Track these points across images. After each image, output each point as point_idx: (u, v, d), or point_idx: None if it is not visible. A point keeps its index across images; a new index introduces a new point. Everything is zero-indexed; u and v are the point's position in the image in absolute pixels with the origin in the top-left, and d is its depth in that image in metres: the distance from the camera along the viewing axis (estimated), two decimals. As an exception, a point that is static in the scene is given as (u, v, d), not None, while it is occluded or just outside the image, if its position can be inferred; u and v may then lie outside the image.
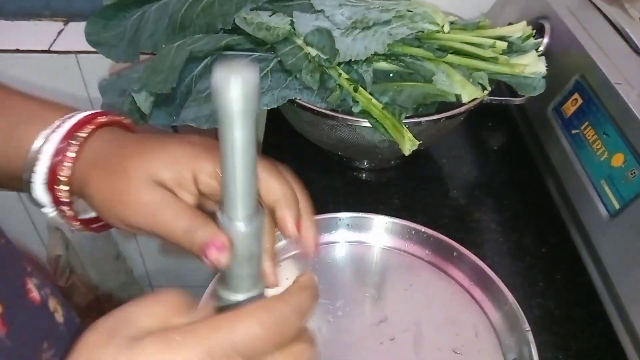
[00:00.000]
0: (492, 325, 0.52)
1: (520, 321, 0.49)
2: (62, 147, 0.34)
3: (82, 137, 0.34)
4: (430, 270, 0.56)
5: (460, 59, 0.60)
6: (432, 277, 0.56)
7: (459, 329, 0.51)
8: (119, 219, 0.33)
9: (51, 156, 0.34)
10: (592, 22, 0.66)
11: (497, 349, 0.50)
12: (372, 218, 0.58)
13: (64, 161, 0.34)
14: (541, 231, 0.64)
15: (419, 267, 0.57)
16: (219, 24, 0.62)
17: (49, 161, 0.34)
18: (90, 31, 0.67)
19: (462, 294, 0.54)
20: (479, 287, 0.54)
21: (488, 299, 0.53)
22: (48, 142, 0.34)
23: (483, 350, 0.50)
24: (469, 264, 0.55)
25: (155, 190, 0.32)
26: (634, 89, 0.54)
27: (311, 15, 0.62)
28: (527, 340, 0.47)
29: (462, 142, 0.77)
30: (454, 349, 0.50)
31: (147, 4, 0.67)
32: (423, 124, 0.59)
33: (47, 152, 0.34)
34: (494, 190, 0.69)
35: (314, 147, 0.69)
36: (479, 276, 0.54)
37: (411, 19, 0.60)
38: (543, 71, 0.61)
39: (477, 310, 0.53)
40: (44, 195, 0.35)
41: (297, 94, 0.58)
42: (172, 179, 0.33)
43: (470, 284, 0.55)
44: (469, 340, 0.50)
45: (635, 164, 0.51)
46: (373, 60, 0.60)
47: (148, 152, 0.33)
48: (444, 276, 0.56)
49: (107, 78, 0.65)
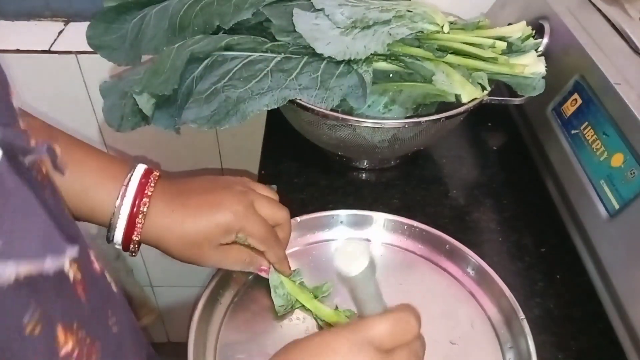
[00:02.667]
0: (487, 316, 0.52)
1: (515, 311, 0.49)
2: (132, 218, 0.44)
3: (144, 212, 0.45)
4: (424, 264, 0.57)
5: (459, 59, 0.61)
6: (426, 271, 0.56)
7: (455, 322, 0.52)
8: (189, 261, 0.47)
9: (125, 223, 0.44)
10: (591, 22, 0.66)
11: (494, 339, 0.51)
12: (369, 215, 0.59)
13: (135, 229, 0.45)
14: (541, 231, 0.64)
15: (413, 262, 0.57)
16: (216, 22, 0.62)
17: (124, 224, 0.44)
18: (92, 34, 0.67)
19: (457, 286, 0.55)
20: (473, 279, 0.55)
21: (482, 290, 0.54)
22: (122, 212, 0.44)
23: (480, 340, 0.51)
24: (461, 257, 0.56)
25: (218, 250, 0.47)
26: (634, 89, 0.54)
27: (311, 13, 0.62)
28: (523, 328, 0.48)
29: (462, 142, 0.77)
30: (450, 340, 0.50)
31: (147, 7, 0.67)
32: (423, 124, 0.59)
33: (122, 218, 0.44)
34: (494, 190, 0.69)
35: (314, 147, 0.69)
36: (472, 268, 0.55)
37: (411, 19, 0.60)
38: (543, 71, 0.61)
39: (472, 302, 0.54)
40: (119, 242, 0.46)
41: (297, 94, 0.58)
42: (226, 239, 0.47)
43: (463, 275, 0.55)
44: (465, 331, 0.51)
45: (635, 164, 0.51)
46: (373, 60, 0.60)
47: (204, 221, 0.45)
48: (438, 270, 0.56)
49: (108, 80, 0.65)
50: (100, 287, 0.33)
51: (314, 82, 0.59)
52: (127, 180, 0.45)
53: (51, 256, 0.23)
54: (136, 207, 0.44)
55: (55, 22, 0.91)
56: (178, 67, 0.57)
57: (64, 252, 0.24)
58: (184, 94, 0.60)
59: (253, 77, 0.59)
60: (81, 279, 0.29)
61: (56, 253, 0.23)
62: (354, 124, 0.59)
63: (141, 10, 0.67)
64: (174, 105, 0.60)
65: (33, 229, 0.23)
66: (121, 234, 0.45)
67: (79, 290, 0.29)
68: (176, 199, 0.46)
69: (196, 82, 0.60)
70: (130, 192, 0.44)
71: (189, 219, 0.45)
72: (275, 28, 0.61)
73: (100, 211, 0.45)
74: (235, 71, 0.59)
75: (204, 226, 0.45)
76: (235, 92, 0.58)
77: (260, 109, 0.57)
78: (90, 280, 0.31)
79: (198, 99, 0.58)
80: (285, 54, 0.61)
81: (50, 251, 0.23)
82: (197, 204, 0.46)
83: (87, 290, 0.30)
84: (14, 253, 0.21)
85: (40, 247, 0.23)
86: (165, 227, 0.45)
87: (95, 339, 0.30)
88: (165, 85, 0.56)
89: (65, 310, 0.27)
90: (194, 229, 0.45)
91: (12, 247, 0.21)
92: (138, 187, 0.45)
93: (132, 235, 0.45)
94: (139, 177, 0.45)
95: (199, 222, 0.45)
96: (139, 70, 0.64)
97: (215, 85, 0.59)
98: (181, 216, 0.45)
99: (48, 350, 0.25)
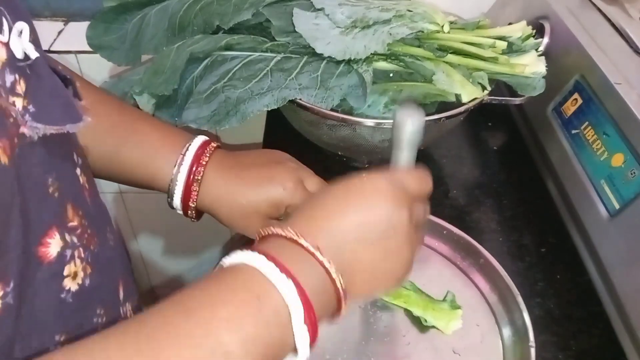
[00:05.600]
0: (484, 297, 0.54)
1: (511, 290, 0.51)
2: (189, 185, 0.47)
3: (199, 179, 0.47)
4: (424, 251, 0.58)
5: (460, 58, 0.61)
6: (425, 257, 0.58)
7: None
8: (237, 230, 0.49)
9: (182, 190, 0.47)
10: (592, 22, 0.66)
11: (491, 318, 0.52)
12: None
13: (191, 196, 0.47)
14: (541, 231, 0.64)
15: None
16: (216, 22, 0.62)
17: (182, 191, 0.47)
18: (92, 35, 0.67)
19: (452, 268, 0.57)
20: (467, 261, 0.57)
21: (477, 271, 0.56)
22: (179, 179, 0.47)
23: (480, 323, 0.52)
24: (456, 240, 0.58)
25: (262, 221, 0.48)
26: (634, 89, 0.54)
27: (311, 13, 0.62)
28: (518, 303, 0.50)
29: (462, 142, 0.77)
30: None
31: (147, 7, 0.67)
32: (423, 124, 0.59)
33: (180, 185, 0.47)
34: (494, 190, 0.69)
35: (314, 147, 0.69)
36: (467, 251, 0.57)
37: (411, 19, 0.60)
38: (543, 71, 0.61)
39: (468, 283, 0.56)
40: (179, 207, 0.48)
41: (297, 93, 0.58)
42: (274, 214, 0.48)
43: (455, 255, 0.58)
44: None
45: (635, 164, 0.51)
46: (373, 60, 0.60)
47: (256, 194, 0.47)
48: (436, 254, 0.59)
49: (108, 80, 0.65)
50: (101, 209, 0.40)
51: (314, 82, 0.59)
52: (185, 149, 0.47)
53: (70, 125, 0.30)
54: (192, 175, 0.47)
55: (55, 21, 0.91)
56: (178, 67, 0.57)
57: (80, 120, 0.30)
58: (184, 94, 0.60)
59: (253, 76, 0.59)
60: (88, 188, 0.37)
61: (74, 121, 0.30)
62: (354, 124, 0.59)
63: (141, 10, 0.67)
64: (174, 105, 0.60)
65: (58, 103, 0.30)
66: (179, 200, 0.48)
67: (85, 193, 0.36)
68: (231, 170, 0.48)
69: (196, 82, 0.60)
70: (187, 160, 0.47)
71: (240, 190, 0.47)
72: (275, 29, 0.61)
73: (160, 178, 0.48)
74: (235, 71, 0.59)
75: (254, 199, 0.47)
76: (235, 92, 0.58)
77: (260, 110, 0.57)
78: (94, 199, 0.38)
79: (198, 99, 0.58)
80: (285, 53, 0.61)
81: (70, 120, 0.30)
82: (249, 176, 0.48)
83: (91, 199, 0.37)
84: (43, 118, 0.28)
85: (62, 116, 0.30)
86: (218, 196, 0.47)
87: (94, 234, 0.36)
88: (165, 85, 0.56)
89: (75, 195, 0.34)
90: (244, 200, 0.47)
91: (42, 113, 0.29)
92: (194, 156, 0.47)
93: (189, 201, 0.47)
94: (196, 147, 0.48)
95: (250, 194, 0.47)
96: (139, 70, 0.64)
97: (215, 85, 0.59)
98: (234, 187, 0.48)
99: (60, 216, 0.32)
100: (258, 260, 0.31)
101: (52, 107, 0.30)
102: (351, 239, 0.34)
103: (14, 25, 0.29)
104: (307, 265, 0.32)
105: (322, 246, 0.32)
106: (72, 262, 0.33)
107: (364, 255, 0.34)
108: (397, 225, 0.35)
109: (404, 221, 0.35)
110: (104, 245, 0.38)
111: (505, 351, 0.50)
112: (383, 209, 0.34)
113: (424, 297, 0.53)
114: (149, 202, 1.01)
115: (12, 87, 0.28)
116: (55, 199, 0.31)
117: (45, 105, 0.29)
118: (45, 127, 0.28)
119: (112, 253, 0.40)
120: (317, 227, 0.33)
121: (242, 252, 0.32)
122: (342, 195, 0.35)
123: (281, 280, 0.30)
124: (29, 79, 0.29)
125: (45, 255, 0.30)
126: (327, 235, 0.33)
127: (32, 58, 0.30)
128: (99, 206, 0.40)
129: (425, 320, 0.51)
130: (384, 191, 0.35)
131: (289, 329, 0.30)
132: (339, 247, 0.33)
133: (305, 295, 0.30)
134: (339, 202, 0.35)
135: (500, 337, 0.51)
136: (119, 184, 1.02)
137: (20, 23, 0.30)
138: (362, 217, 0.34)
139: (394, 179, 0.36)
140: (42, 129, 0.28)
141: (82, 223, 0.35)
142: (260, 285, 0.30)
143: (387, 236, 0.34)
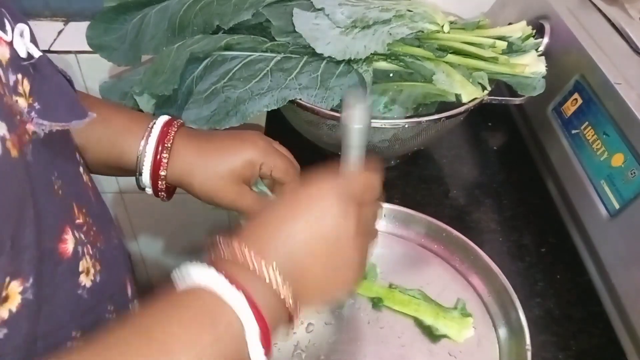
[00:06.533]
0: (481, 299, 0.54)
1: (508, 292, 0.51)
2: (158, 154, 0.47)
3: (168, 147, 0.47)
4: (421, 251, 0.59)
5: (460, 58, 0.61)
6: (422, 256, 0.59)
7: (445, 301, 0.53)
8: (210, 202, 0.49)
9: (152, 160, 0.47)
10: (592, 22, 0.66)
11: (487, 320, 0.52)
12: None
13: (161, 165, 0.47)
14: (541, 231, 0.64)
15: (406, 247, 0.60)
16: (216, 22, 0.62)
17: (151, 161, 0.47)
18: (91, 35, 0.67)
19: (449, 270, 0.57)
20: (465, 263, 0.57)
21: (474, 273, 0.56)
22: (147, 150, 0.47)
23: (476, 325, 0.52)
24: (454, 242, 0.58)
25: (237, 186, 0.48)
26: (634, 89, 0.54)
27: (311, 13, 0.62)
28: (515, 306, 0.50)
29: (462, 142, 0.77)
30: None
31: (147, 7, 0.67)
32: (423, 124, 0.59)
33: (149, 152, 0.47)
34: (494, 190, 0.69)
35: (314, 147, 0.69)
36: (464, 252, 0.57)
37: (411, 19, 0.60)
38: (543, 71, 0.61)
39: (465, 284, 0.56)
40: (148, 183, 0.49)
41: (297, 94, 0.58)
42: (248, 175, 0.49)
43: (453, 257, 0.58)
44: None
45: (635, 164, 0.51)
46: (373, 59, 0.60)
47: (229, 155, 0.48)
48: (430, 254, 0.59)
49: (108, 80, 0.65)
50: (104, 207, 0.41)
51: (314, 82, 0.59)
52: (152, 124, 0.48)
53: (75, 121, 0.31)
54: (161, 145, 0.47)
55: (54, 21, 0.91)
56: (178, 67, 0.57)
57: (86, 116, 0.31)
58: (184, 94, 0.60)
59: (253, 77, 0.59)
60: (91, 186, 0.38)
61: (79, 118, 0.31)
62: (354, 124, 0.59)
63: (141, 10, 0.67)
64: (174, 105, 0.60)
65: (63, 101, 0.32)
66: (148, 172, 0.48)
67: (89, 191, 0.38)
68: (201, 137, 0.50)
69: (196, 82, 0.60)
70: (155, 132, 0.48)
71: (212, 155, 0.48)
72: (275, 29, 0.61)
73: (128, 154, 0.48)
74: (235, 71, 0.59)
75: (228, 160, 0.48)
76: (235, 92, 0.58)
77: (260, 110, 0.57)
78: (97, 197, 0.39)
79: (198, 99, 0.58)
80: (285, 53, 0.61)
81: (75, 117, 0.31)
82: (220, 140, 0.49)
83: (95, 197, 0.38)
84: (49, 115, 0.29)
85: (67, 114, 0.31)
86: (190, 164, 0.48)
87: (100, 232, 0.37)
88: (165, 85, 0.56)
89: (79, 193, 0.36)
90: (219, 162, 0.48)
91: (48, 111, 0.30)
92: (162, 127, 0.48)
93: (159, 170, 0.47)
94: (162, 122, 0.49)
95: (224, 155, 0.48)
96: (139, 71, 0.64)
97: (215, 86, 0.59)
98: (205, 151, 0.48)
99: (69, 213, 0.33)
100: (212, 277, 0.31)
101: (57, 104, 0.31)
102: (301, 253, 0.34)
103: (15, 26, 0.30)
104: (258, 283, 0.32)
105: (273, 263, 0.33)
106: (84, 258, 0.34)
107: (314, 268, 0.35)
108: (343, 236, 0.35)
109: (350, 230, 0.36)
110: (109, 243, 0.39)
111: (502, 353, 0.49)
112: (329, 221, 0.35)
113: (433, 305, 0.52)
114: (149, 202, 1.01)
115: (15, 86, 0.29)
116: (60, 196, 0.32)
117: (51, 103, 0.30)
118: (51, 123, 0.29)
119: (116, 251, 0.41)
120: (267, 245, 0.34)
121: (195, 268, 0.32)
122: (289, 212, 0.36)
123: (234, 297, 0.30)
124: (34, 77, 0.30)
125: (65, 251, 0.32)
126: (277, 253, 0.33)
127: (36, 57, 0.31)
128: (102, 204, 0.40)
129: (437, 329, 0.50)
130: (329, 202, 0.35)
131: (243, 343, 0.30)
132: (289, 261, 0.34)
133: (258, 309, 0.31)
134: (287, 218, 0.35)
135: (497, 340, 0.51)
136: (119, 184, 1.03)
137: (21, 24, 0.31)
138: (310, 232, 0.35)
139: (341, 185, 0.36)
140: (49, 125, 0.29)
141: (87, 221, 0.35)
142: (214, 301, 0.30)
143: (335, 247, 0.35)
